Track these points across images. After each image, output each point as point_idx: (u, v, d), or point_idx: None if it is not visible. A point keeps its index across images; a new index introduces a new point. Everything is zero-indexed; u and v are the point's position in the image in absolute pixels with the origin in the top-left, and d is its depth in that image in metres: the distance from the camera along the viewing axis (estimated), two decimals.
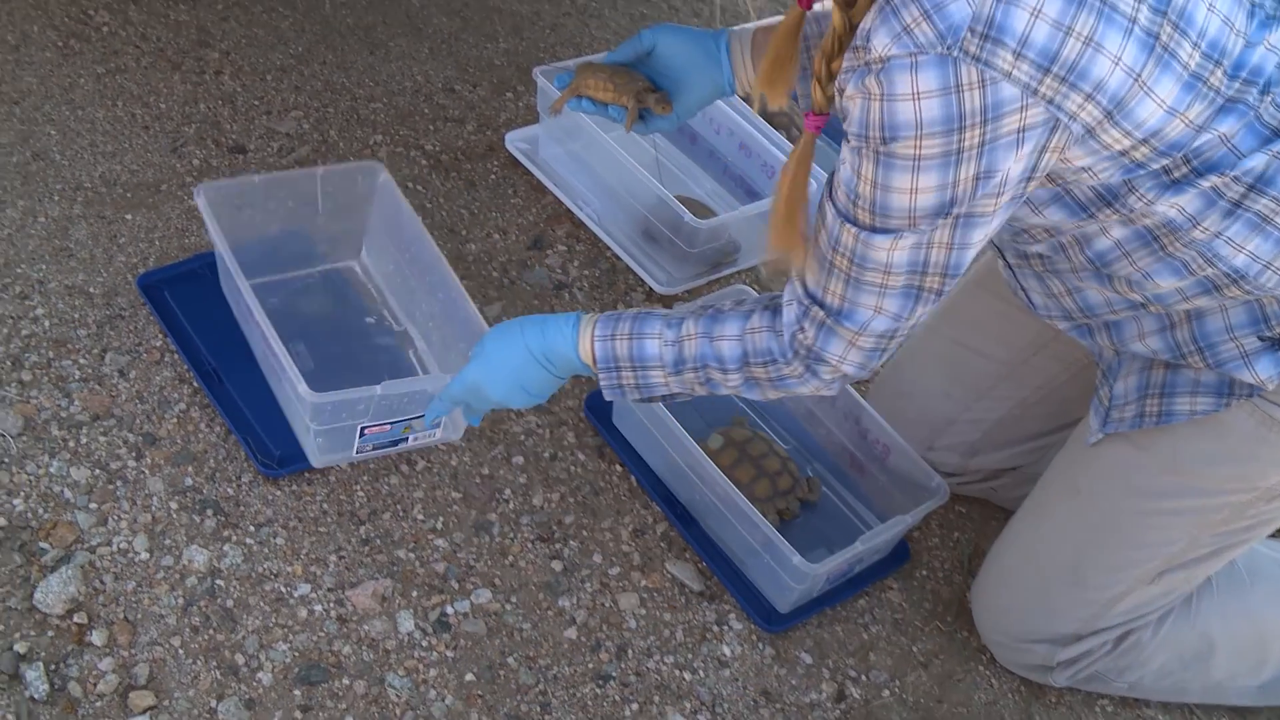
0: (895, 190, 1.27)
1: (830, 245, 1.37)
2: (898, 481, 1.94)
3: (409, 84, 2.58)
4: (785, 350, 1.46)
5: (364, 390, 1.70)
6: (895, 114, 1.22)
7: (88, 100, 2.34)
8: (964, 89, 1.19)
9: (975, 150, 1.23)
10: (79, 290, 2.00)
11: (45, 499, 1.73)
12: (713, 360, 1.50)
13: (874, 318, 1.39)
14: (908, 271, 1.34)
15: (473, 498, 1.89)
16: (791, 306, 1.45)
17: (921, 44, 1.18)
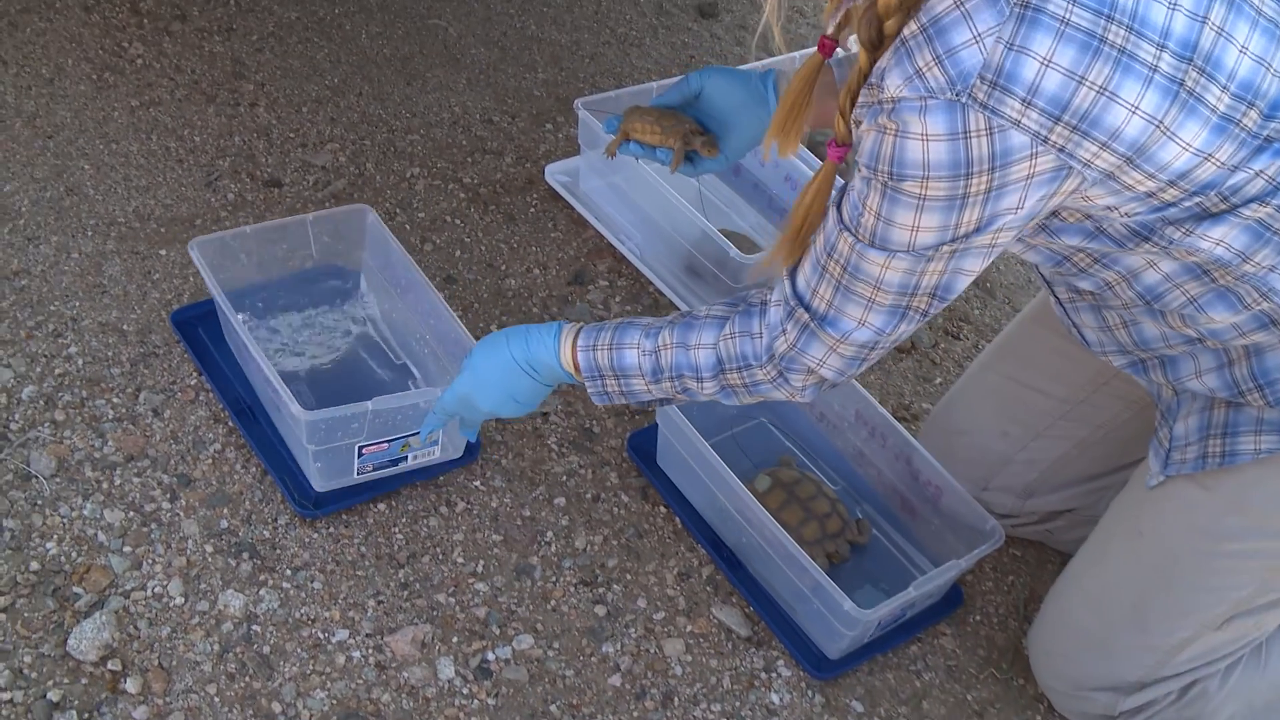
0: (897, 225, 1.31)
1: (826, 250, 1.40)
2: (950, 524, 1.93)
3: (446, 115, 2.60)
4: (760, 354, 1.50)
5: (356, 406, 1.74)
6: (904, 151, 1.25)
7: (122, 134, 2.36)
8: (972, 135, 1.21)
9: (981, 196, 1.26)
10: (112, 327, 2.01)
11: (79, 542, 1.74)
12: (688, 370, 1.55)
13: (857, 329, 1.42)
14: (897, 291, 1.37)
15: (514, 540, 1.89)
16: (778, 307, 1.48)
17: (932, 88, 1.21)
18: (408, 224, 2.33)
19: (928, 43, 1.21)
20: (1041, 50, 1.18)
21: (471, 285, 2.25)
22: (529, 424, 2.04)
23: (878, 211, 1.31)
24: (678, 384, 1.57)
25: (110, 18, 2.60)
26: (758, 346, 1.50)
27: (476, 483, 1.94)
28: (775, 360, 1.49)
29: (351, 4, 2.83)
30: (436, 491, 1.92)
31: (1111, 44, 1.19)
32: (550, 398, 2.09)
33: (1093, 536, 1.79)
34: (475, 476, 1.95)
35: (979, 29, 1.19)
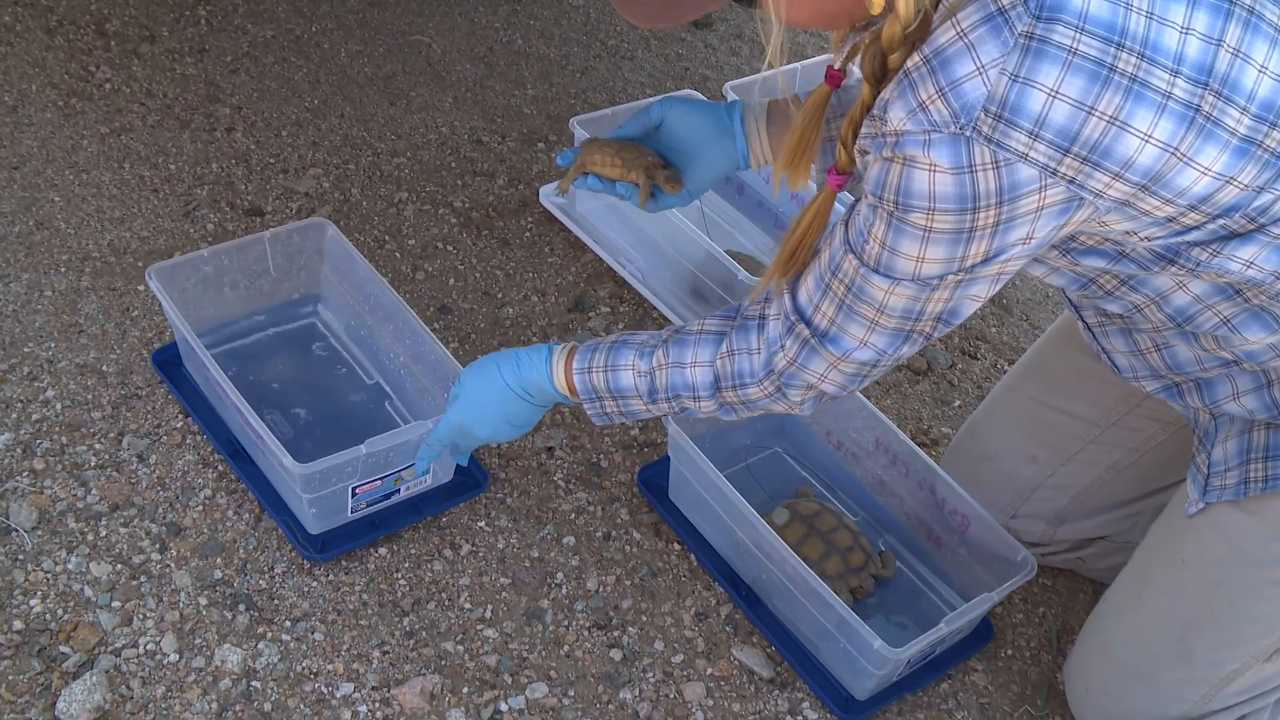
0: (902, 255, 1.32)
1: (830, 268, 1.41)
2: (979, 555, 1.92)
3: (433, 136, 2.59)
4: (758, 370, 1.53)
5: (349, 453, 1.75)
6: (911, 182, 1.26)
7: (92, 163, 2.34)
8: (978, 170, 1.22)
9: (989, 229, 1.27)
10: (91, 369, 1.99)
11: (64, 598, 1.71)
12: (684, 389, 1.58)
13: (859, 348, 1.44)
14: (901, 316, 1.39)
15: (523, 583, 1.87)
16: (777, 321, 1.50)
17: (936, 122, 1.22)
18: (398, 251, 2.32)
19: (931, 75, 1.22)
20: (1048, 81, 1.19)
21: (467, 315, 2.23)
22: (534, 460, 2.03)
23: (883, 240, 1.32)
24: (675, 403, 1.61)
25: (75, 40, 2.59)
26: (755, 363, 1.53)
27: (481, 523, 1.93)
28: (774, 375, 1.51)
29: (329, 21, 2.82)
30: (440, 533, 1.90)
31: (1122, 72, 1.19)
32: (555, 433, 2.08)
33: (1130, 566, 1.78)
34: (479, 516, 1.94)
35: (982, 60, 1.19)
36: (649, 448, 2.10)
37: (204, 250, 1.97)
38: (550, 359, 1.65)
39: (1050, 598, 2.05)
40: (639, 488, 2.03)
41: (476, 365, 1.70)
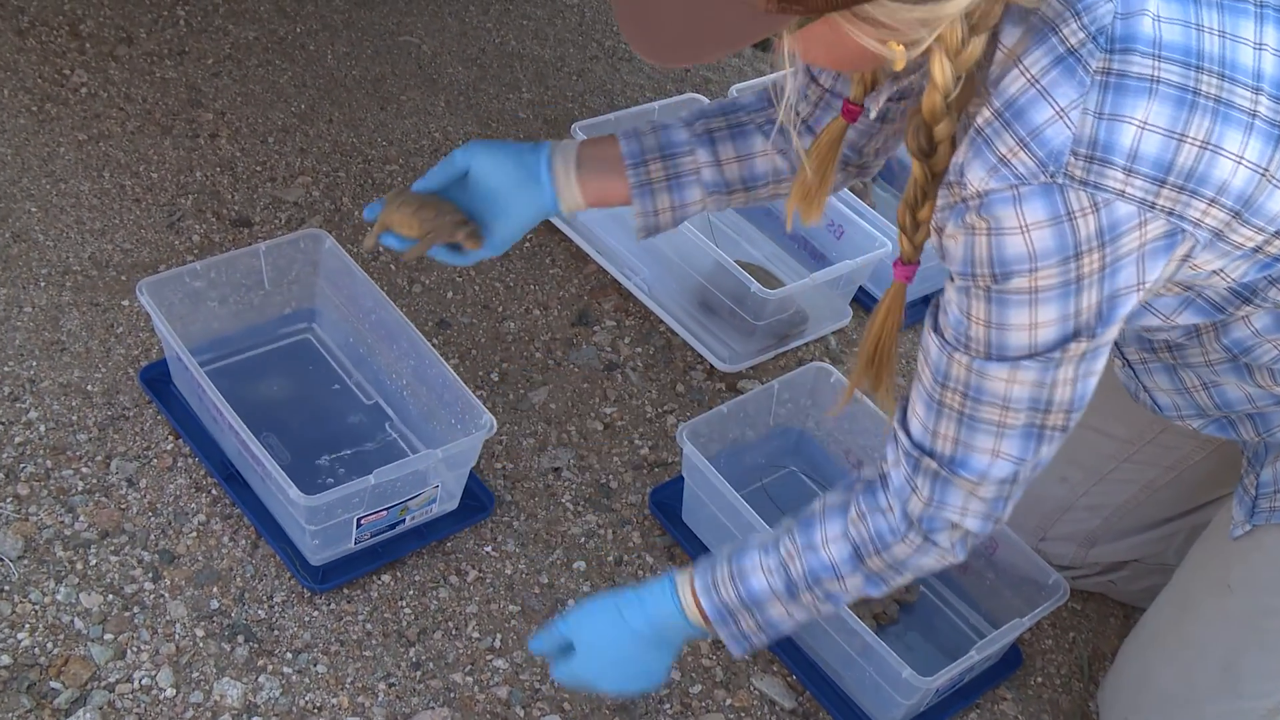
0: (1013, 328, 1.28)
1: (938, 382, 1.36)
2: (1007, 578, 1.93)
3: (426, 142, 2.59)
4: (898, 526, 1.45)
5: (357, 484, 1.74)
6: (1004, 248, 1.23)
7: (70, 171, 2.34)
8: (1076, 216, 1.20)
9: (1096, 275, 1.24)
10: (76, 389, 1.98)
11: (54, 631, 1.70)
12: (824, 571, 1.50)
13: (993, 463, 1.37)
14: (1029, 408, 1.33)
15: (532, 610, 1.87)
16: (898, 468, 1.44)
17: (1022, 174, 1.19)
18: (393, 264, 2.31)
19: (1006, 127, 1.20)
20: (1136, 114, 1.18)
21: (467, 329, 2.23)
22: (540, 481, 2.03)
23: (987, 319, 1.28)
24: (818, 592, 1.51)
25: (48, 42, 2.58)
26: (892, 520, 1.45)
27: (488, 548, 1.93)
28: (915, 525, 1.44)
29: (314, 21, 2.82)
30: (445, 559, 1.90)
31: (1206, 95, 1.19)
32: (562, 452, 2.08)
33: (1169, 591, 1.79)
34: (485, 541, 1.94)
35: (1060, 104, 1.18)
36: (660, 468, 2.10)
37: (195, 264, 1.96)
38: (676, 589, 1.55)
39: (1080, 622, 2.06)
40: (651, 510, 2.03)
41: (590, 610, 1.58)
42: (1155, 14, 1.20)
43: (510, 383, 2.17)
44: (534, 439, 2.09)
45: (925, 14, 1.13)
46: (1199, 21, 1.21)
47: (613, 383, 2.22)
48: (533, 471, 2.04)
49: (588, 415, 2.15)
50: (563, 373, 2.21)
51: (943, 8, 1.13)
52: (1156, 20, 1.20)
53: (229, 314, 2.05)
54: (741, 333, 2.25)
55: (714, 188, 1.66)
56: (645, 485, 2.07)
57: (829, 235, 2.41)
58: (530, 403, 2.15)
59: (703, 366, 2.28)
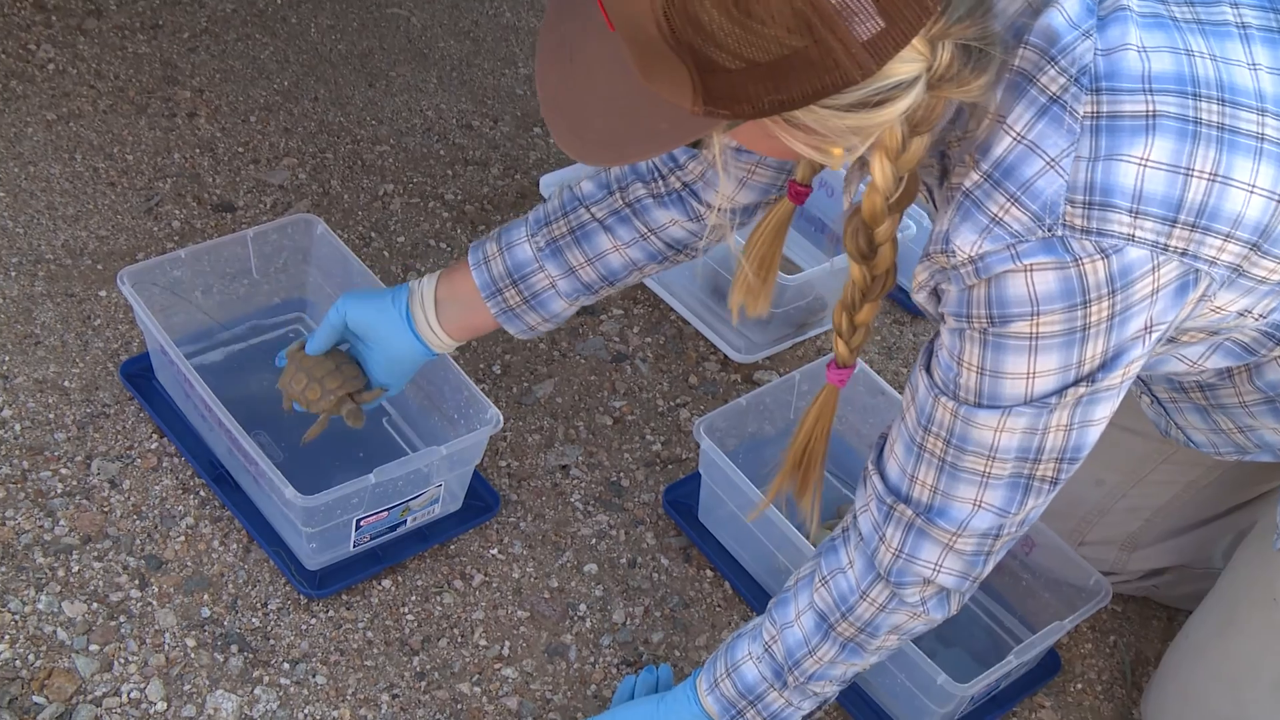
0: (1008, 376, 1.26)
1: (921, 425, 1.35)
2: (1044, 579, 1.94)
3: (418, 121, 2.59)
4: (859, 581, 1.45)
5: (357, 483, 1.75)
6: (1005, 289, 1.21)
7: (39, 153, 2.34)
8: (1084, 263, 1.18)
9: (1104, 324, 1.22)
10: (52, 385, 1.99)
11: (35, 642, 1.71)
12: (799, 648, 1.52)
13: (974, 513, 1.36)
14: (1017, 458, 1.32)
15: (542, 616, 1.88)
16: (866, 514, 1.43)
17: (1018, 232, 1.18)
18: (386, 250, 2.32)
19: (996, 187, 1.18)
20: (1135, 151, 1.16)
21: None
22: (548, 480, 2.04)
23: (980, 365, 1.27)
24: (800, 674, 1.53)
25: (11, 15, 2.58)
26: (852, 577, 1.45)
27: (494, 550, 1.94)
28: (880, 579, 1.43)
29: None
30: (449, 563, 1.90)
31: (1208, 123, 1.17)
32: (570, 449, 2.09)
33: (1213, 600, 1.79)
34: (491, 543, 1.94)
35: (1051, 155, 1.17)
36: (674, 465, 2.11)
37: (179, 251, 1.96)
38: (695, 693, 1.60)
39: (1121, 625, 2.07)
40: (665, 508, 2.04)
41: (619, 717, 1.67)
42: (1139, 45, 1.18)
43: (513, 375, 2.18)
44: (540, 435, 2.10)
45: (857, 122, 1.10)
46: (1187, 47, 1.19)
47: (622, 375, 2.22)
48: (539, 469, 2.05)
49: (596, 409, 2.16)
50: (569, 364, 2.22)
51: (875, 115, 1.09)
52: (1142, 51, 1.18)
53: (210, 304, 2.05)
54: (756, 321, 2.26)
55: (574, 294, 1.71)
56: (659, 483, 2.08)
57: None
58: (535, 397, 2.15)
59: (716, 357, 2.29)
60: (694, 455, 2.11)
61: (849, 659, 1.52)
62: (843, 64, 1.02)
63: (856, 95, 1.07)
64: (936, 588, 1.43)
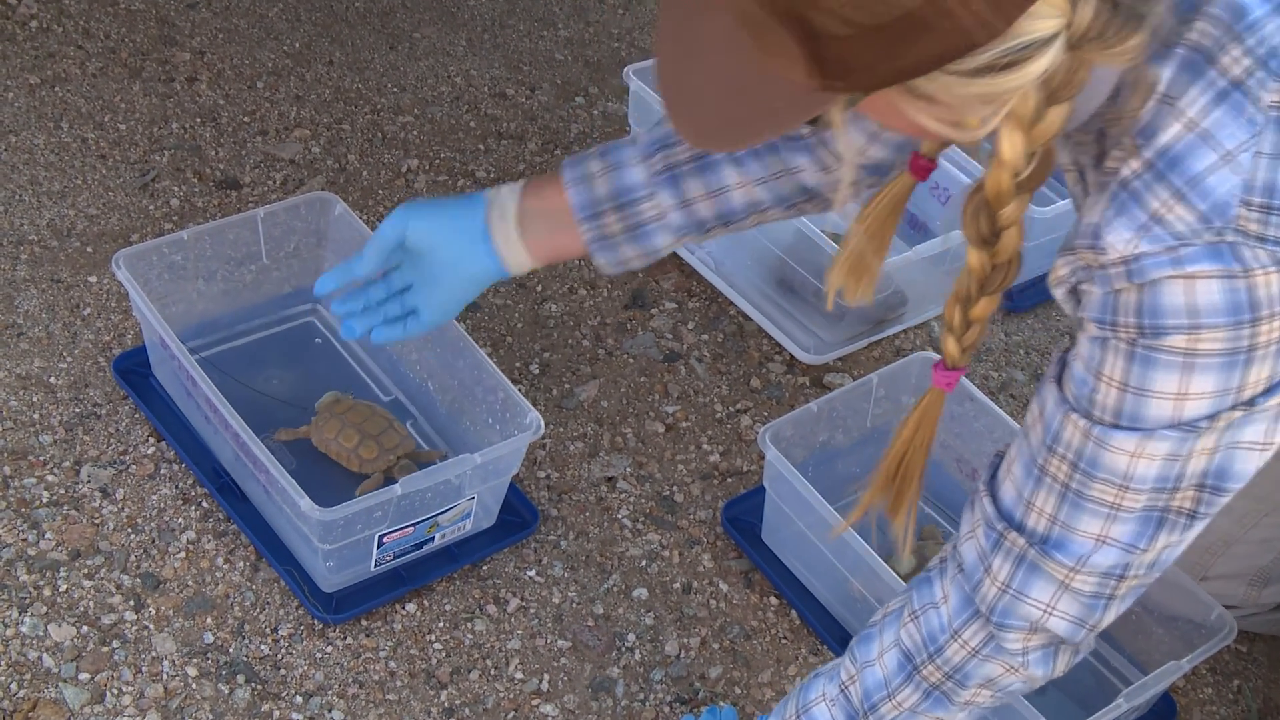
0: (1154, 395, 1.23)
1: (1046, 444, 1.32)
2: (1158, 614, 1.93)
3: (446, 89, 2.60)
4: (952, 618, 1.43)
5: (381, 494, 1.76)
6: (1160, 297, 1.19)
7: (20, 121, 2.36)
8: (1255, 275, 1.16)
9: (1274, 346, 1.20)
10: (36, 381, 2.00)
11: (18, 669, 1.72)
12: (878, 689, 1.49)
13: (1097, 549, 1.32)
14: (1154, 488, 1.28)
15: (586, 647, 1.89)
16: (972, 541, 1.40)
17: (1180, 233, 1.16)
18: None
19: (1159, 179, 1.16)
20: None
21: (501, 312, 2.25)
22: (592, 494, 2.05)
23: (1123, 380, 1.23)
24: (874, 718, 1.51)
25: None
26: (945, 612, 1.43)
27: (531, 572, 1.94)
28: (980, 615, 1.40)
29: None
30: (481, 585, 1.91)
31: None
32: (617, 459, 2.09)
33: None
34: (529, 564, 1.95)
35: (1227, 147, 1.15)
36: (734, 477, 2.11)
37: (181, 233, 1.98)
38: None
39: (1246, 667, 2.07)
40: (724, 527, 2.04)
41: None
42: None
43: (553, 376, 2.19)
44: (583, 443, 2.11)
45: (986, 89, 1.07)
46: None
47: (675, 376, 2.23)
48: (582, 482, 2.06)
49: (646, 415, 2.17)
50: (616, 364, 2.23)
51: (1005, 81, 1.07)
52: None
53: (214, 292, 2.07)
54: (828, 317, 2.26)
55: (684, 230, 1.67)
56: (716, 498, 2.08)
57: (933, 201, 2.42)
58: (577, 400, 2.16)
59: (782, 357, 2.29)
60: (756, 467, 2.11)
61: (932, 710, 1.49)
62: (964, 24, 1.02)
63: (984, 58, 1.05)
64: (1044, 637, 1.39)
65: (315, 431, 1.96)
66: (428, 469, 1.80)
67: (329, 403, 1.99)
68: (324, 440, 1.94)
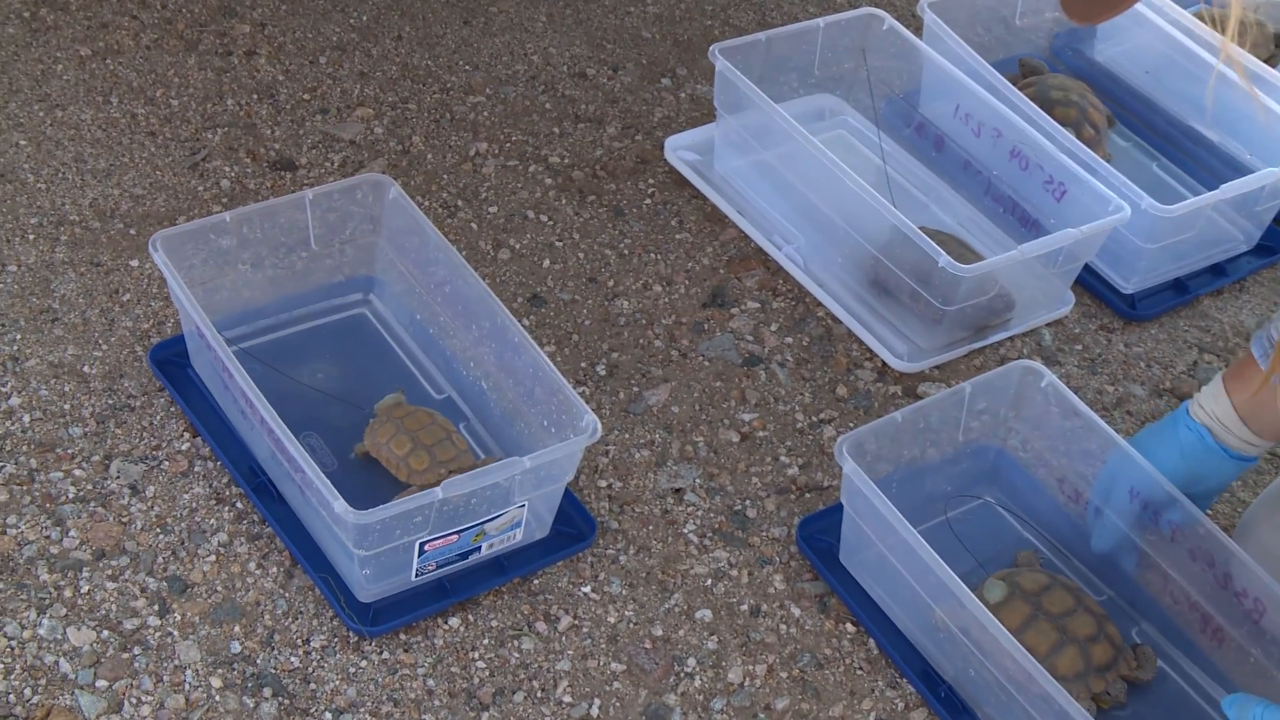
0: None
1: None
2: (1278, 654, 1.91)
3: (521, 68, 2.62)
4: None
5: (421, 497, 1.77)
6: None
7: (69, 95, 2.40)
8: None
9: None
10: (69, 370, 2.05)
11: (33, 674, 1.75)
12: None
13: None
14: None
15: (641, 671, 1.89)
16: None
17: None
18: (474, 221, 2.36)
19: None
20: None
21: (567, 308, 2.26)
22: (657, 506, 2.05)
23: None
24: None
25: None
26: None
27: (586, 588, 1.95)
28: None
29: None
30: (531, 601, 1.93)
31: None
32: (686, 469, 2.10)
33: None
34: (584, 579, 1.96)
35: None
36: (812, 493, 2.11)
37: (224, 215, 2.01)
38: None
39: None
40: (799, 546, 2.04)
41: None
42: None
43: (621, 378, 2.20)
44: (650, 451, 2.12)
45: None
46: None
47: (754, 382, 2.23)
48: (647, 493, 2.07)
49: (720, 423, 2.17)
50: (689, 367, 2.23)
51: None
52: None
53: (262, 280, 2.10)
54: (925, 321, 2.25)
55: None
56: (792, 515, 2.08)
57: (1046, 196, 2.41)
58: (646, 404, 2.17)
59: (872, 364, 2.29)
60: (838, 483, 2.11)
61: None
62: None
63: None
64: None
65: (369, 434, 1.98)
66: (473, 472, 1.81)
67: (389, 405, 2.02)
68: (376, 445, 1.96)
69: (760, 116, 2.34)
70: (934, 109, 2.55)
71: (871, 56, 2.57)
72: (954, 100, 2.48)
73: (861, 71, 2.57)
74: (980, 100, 2.44)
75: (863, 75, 2.57)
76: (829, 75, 2.59)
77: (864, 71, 2.56)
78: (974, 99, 2.44)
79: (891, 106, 2.61)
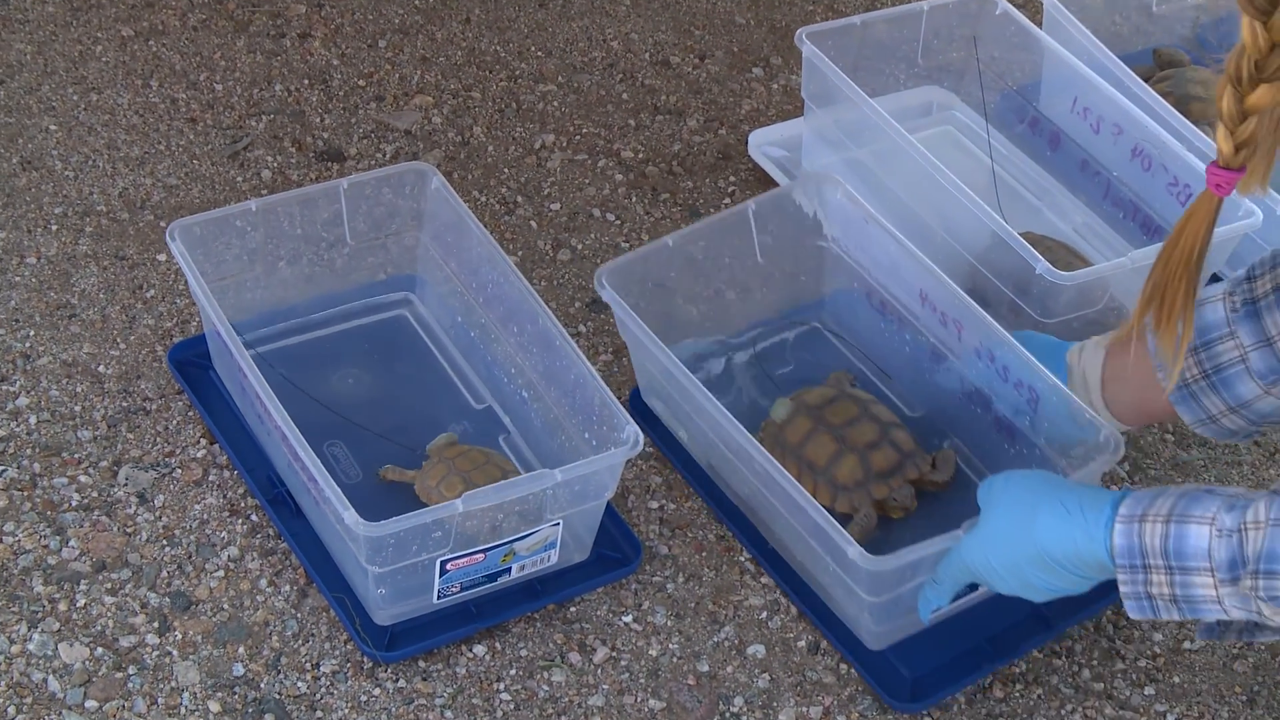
0: None
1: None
2: (1056, 441, 1.97)
3: (599, 55, 2.64)
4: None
5: (440, 509, 1.77)
6: None
7: (106, 78, 2.46)
8: None
9: None
10: (83, 369, 2.09)
11: (19, 692, 1.79)
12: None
13: None
14: None
15: (683, 709, 1.89)
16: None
17: None
18: (534, 219, 2.38)
19: None
20: None
21: None
22: (710, 530, 2.05)
23: None
24: (1265, 586, 1.51)
25: None
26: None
27: (627, 618, 1.96)
28: None
29: None
30: (565, 629, 1.93)
31: None
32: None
33: None
34: (626, 608, 1.96)
35: None
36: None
37: (250, 203, 2.04)
38: (1113, 511, 1.63)
39: None
40: None
41: (1008, 487, 1.75)
42: None
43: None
44: None
45: None
46: None
47: None
48: (700, 516, 2.07)
49: None
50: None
51: None
52: None
53: (296, 277, 2.13)
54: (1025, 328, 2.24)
55: (1272, 375, 1.74)
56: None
57: (1171, 200, 2.38)
58: None
59: None
60: None
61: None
62: None
63: None
64: None
65: (420, 478, 1.99)
66: (498, 484, 1.82)
67: (441, 445, 2.03)
68: (425, 489, 1.97)
69: (852, 110, 2.34)
70: (1052, 105, 2.53)
71: (983, 45, 2.55)
72: (1072, 93, 2.46)
73: (972, 61, 2.56)
74: (1099, 92, 2.42)
75: (973, 66, 2.56)
76: (935, 65, 2.58)
77: (974, 61, 2.55)
78: (1093, 91, 2.42)
79: (1006, 101, 2.59)
